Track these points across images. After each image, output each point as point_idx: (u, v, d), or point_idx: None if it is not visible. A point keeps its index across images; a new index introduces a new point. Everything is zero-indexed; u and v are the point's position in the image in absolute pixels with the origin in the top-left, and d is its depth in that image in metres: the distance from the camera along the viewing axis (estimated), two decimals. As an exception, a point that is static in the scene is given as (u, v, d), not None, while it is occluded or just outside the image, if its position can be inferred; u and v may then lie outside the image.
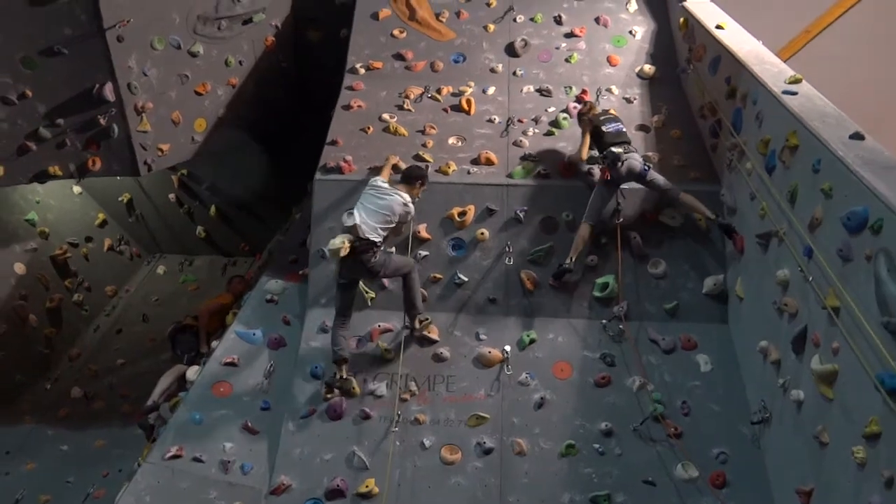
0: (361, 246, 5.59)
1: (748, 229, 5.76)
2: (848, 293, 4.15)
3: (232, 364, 6.14)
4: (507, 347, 6.07)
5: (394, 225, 5.78)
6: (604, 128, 6.35)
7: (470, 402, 5.81)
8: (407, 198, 5.82)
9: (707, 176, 6.53)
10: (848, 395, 4.14)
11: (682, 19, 7.55)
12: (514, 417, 5.73)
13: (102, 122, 6.68)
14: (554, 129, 7.09)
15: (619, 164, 6.10)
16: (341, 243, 5.49)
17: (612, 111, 6.84)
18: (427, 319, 6.14)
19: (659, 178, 6.20)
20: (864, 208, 4.09)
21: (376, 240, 5.66)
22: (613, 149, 6.18)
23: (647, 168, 6.16)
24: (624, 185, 6.29)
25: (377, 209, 5.69)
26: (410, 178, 6.02)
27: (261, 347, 6.29)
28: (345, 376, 5.84)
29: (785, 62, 6.21)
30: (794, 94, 5.33)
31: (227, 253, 10.69)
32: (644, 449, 5.48)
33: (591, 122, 6.48)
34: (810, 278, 4.61)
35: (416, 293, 6.06)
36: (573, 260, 6.19)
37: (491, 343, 6.13)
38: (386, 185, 5.84)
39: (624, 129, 6.39)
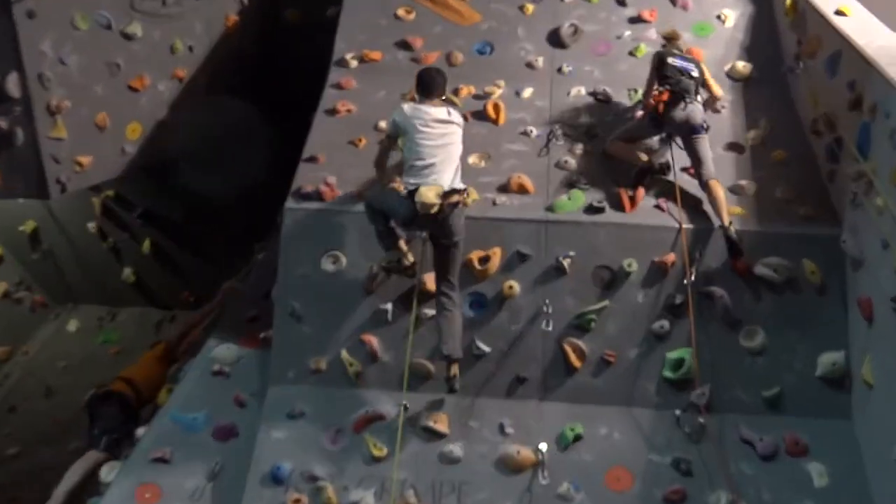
0: (450, 200, 5.74)
1: (880, 289, 5.68)
2: None
3: (163, 460, 6.09)
4: (543, 446, 6.01)
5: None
6: (669, 59, 6.69)
7: (490, 522, 5.74)
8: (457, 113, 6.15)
9: (822, 214, 6.50)
10: None
11: (788, 2, 7.60)
12: (551, 545, 5.65)
13: (3, 124, 6.78)
14: (613, 147, 7.13)
15: (683, 103, 6.40)
16: (436, 196, 5.61)
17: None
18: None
19: (707, 150, 6.48)
20: None
21: (462, 186, 5.92)
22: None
23: (704, 127, 6.45)
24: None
25: (446, 143, 5.90)
26: (434, 87, 6.09)
27: (203, 437, 6.26)
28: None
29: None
30: (945, 106, 5.33)
31: (164, 304, 10.79)
32: None
33: (659, 55, 6.81)
34: (967, 361, 4.54)
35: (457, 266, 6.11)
36: (651, 161, 6.70)
37: (520, 439, 6.07)
38: (425, 108, 5.96)
39: (694, 71, 6.71)
